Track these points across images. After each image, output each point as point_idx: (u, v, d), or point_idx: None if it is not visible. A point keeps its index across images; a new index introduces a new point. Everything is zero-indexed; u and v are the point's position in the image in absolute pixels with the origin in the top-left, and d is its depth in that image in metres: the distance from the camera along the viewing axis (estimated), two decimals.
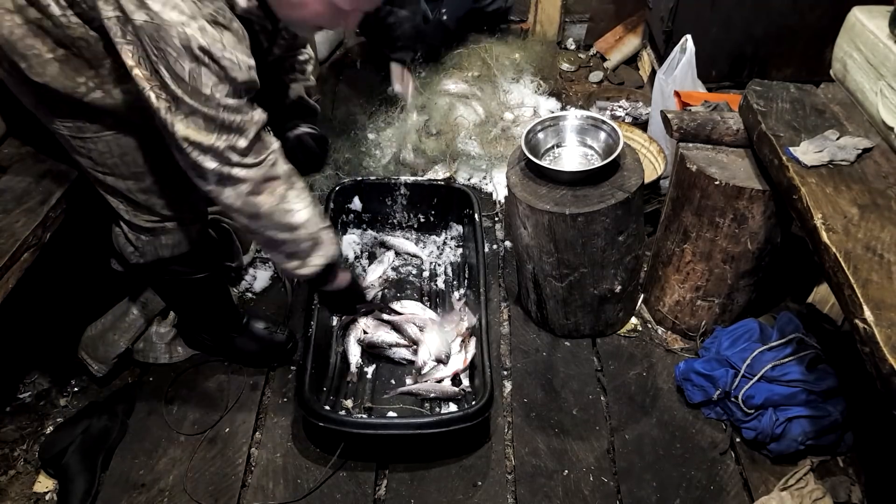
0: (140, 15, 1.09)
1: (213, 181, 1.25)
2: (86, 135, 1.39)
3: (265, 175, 1.29)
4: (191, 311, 1.87)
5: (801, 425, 1.71)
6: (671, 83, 2.40)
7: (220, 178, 1.24)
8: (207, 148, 1.20)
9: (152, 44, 1.10)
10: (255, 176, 1.27)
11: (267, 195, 1.30)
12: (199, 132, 1.18)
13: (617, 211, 1.75)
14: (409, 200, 2.37)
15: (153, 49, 1.11)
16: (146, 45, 1.11)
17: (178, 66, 1.12)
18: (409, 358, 1.99)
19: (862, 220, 1.39)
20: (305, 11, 1.22)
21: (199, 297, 1.80)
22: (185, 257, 1.63)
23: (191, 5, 1.11)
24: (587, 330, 2.06)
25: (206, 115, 1.17)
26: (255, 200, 1.29)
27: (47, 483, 1.74)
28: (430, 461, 1.76)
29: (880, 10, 1.68)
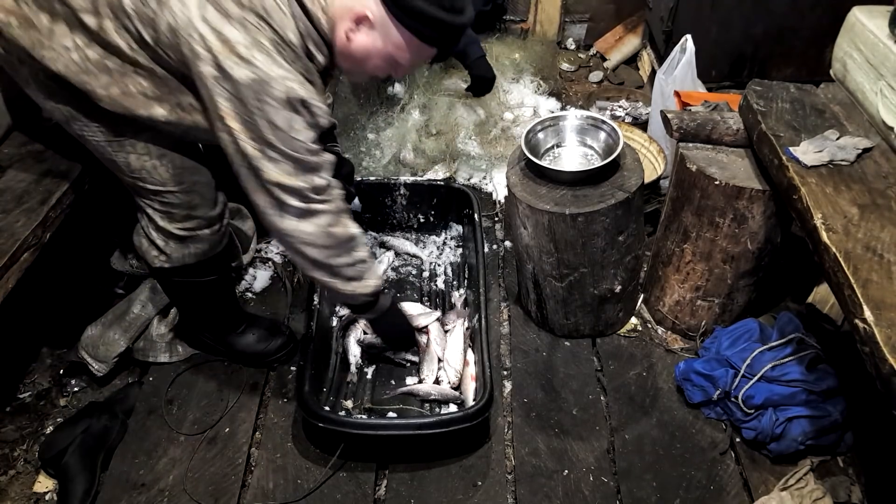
0: (244, 72, 1.19)
1: (295, 215, 1.36)
2: (124, 136, 1.42)
3: (338, 208, 1.42)
4: (197, 312, 1.88)
5: (801, 425, 1.71)
6: (671, 83, 2.40)
7: (301, 213, 1.36)
8: (293, 189, 1.32)
9: (255, 97, 1.21)
10: (331, 209, 1.40)
11: (340, 226, 1.43)
12: (288, 175, 1.30)
13: (617, 211, 1.75)
14: (408, 200, 2.37)
15: (254, 102, 1.21)
16: (246, 99, 1.21)
17: (277, 115, 1.23)
18: (410, 358, 1.99)
19: (862, 220, 1.39)
20: (368, 65, 1.37)
21: (207, 297, 1.81)
22: (207, 262, 1.67)
23: (288, 63, 1.24)
24: (587, 330, 2.06)
25: (295, 158, 1.29)
26: (334, 231, 1.41)
27: (47, 483, 1.74)
28: (430, 461, 1.76)
29: (880, 10, 1.68)
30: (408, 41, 1.30)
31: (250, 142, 1.26)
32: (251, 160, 1.28)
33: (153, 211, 1.55)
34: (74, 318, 2.01)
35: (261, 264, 2.30)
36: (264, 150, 1.26)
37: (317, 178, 1.34)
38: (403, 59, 1.34)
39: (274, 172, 1.29)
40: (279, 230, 1.39)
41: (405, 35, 1.29)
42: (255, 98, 1.21)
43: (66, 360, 2.01)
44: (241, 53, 1.18)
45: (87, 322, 1.96)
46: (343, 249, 1.45)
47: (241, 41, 1.19)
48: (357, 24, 1.30)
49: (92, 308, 2.03)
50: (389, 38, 1.30)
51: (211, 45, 1.18)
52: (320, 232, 1.39)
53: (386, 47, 1.31)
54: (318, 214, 1.37)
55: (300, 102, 1.25)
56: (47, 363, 2.02)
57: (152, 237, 1.60)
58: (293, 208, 1.34)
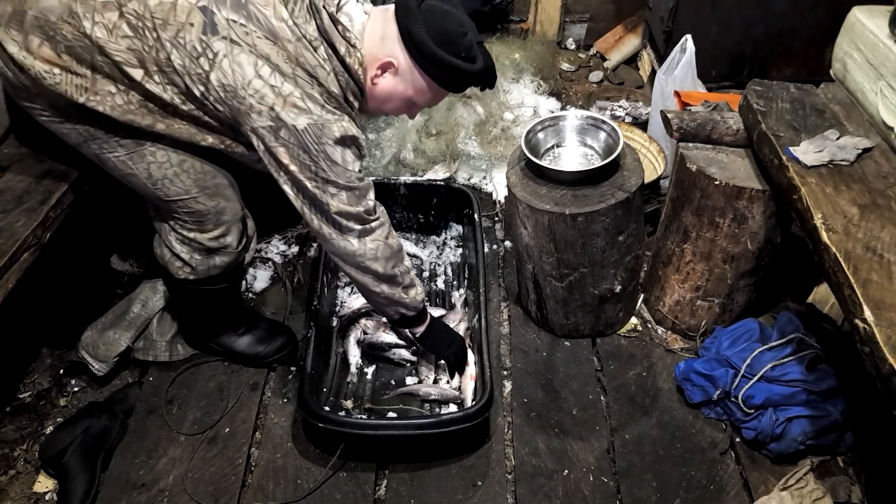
0: (303, 119, 1.31)
1: (356, 237, 1.49)
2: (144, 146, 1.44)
3: (386, 221, 1.56)
4: (204, 316, 1.88)
5: (801, 425, 1.71)
6: (671, 83, 2.40)
7: (360, 234, 1.49)
8: (353, 214, 1.46)
9: (315, 140, 1.33)
10: (383, 224, 1.54)
11: (392, 238, 1.57)
12: (347, 204, 1.44)
13: (617, 211, 1.75)
14: (408, 201, 2.37)
15: (314, 144, 1.34)
16: (307, 144, 1.33)
17: (335, 153, 1.37)
18: (410, 358, 1.99)
19: (862, 220, 1.39)
20: (387, 106, 1.50)
21: (216, 303, 1.83)
22: (228, 273, 1.71)
23: (335, 106, 1.37)
24: (587, 330, 2.06)
25: (351, 188, 1.43)
26: (391, 242, 1.56)
27: (47, 483, 1.74)
28: (430, 461, 1.76)
29: (880, 10, 1.68)
30: (428, 85, 1.42)
31: (311, 181, 1.38)
32: (315, 197, 1.41)
33: (180, 223, 1.58)
34: (74, 318, 2.01)
35: (261, 264, 2.30)
36: (326, 188, 1.40)
37: (368, 201, 1.48)
38: (420, 101, 1.48)
39: (335, 204, 1.42)
40: (346, 253, 1.52)
41: (426, 80, 1.41)
42: (315, 141, 1.33)
43: (66, 360, 2.00)
44: (298, 104, 1.30)
45: (87, 322, 1.96)
46: (399, 258, 1.59)
47: (297, 94, 1.30)
48: (383, 71, 1.41)
49: (92, 308, 2.03)
50: (412, 83, 1.42)
51: (268, 101, 1.29)
52: (380, 245, 1.53)
53: (407, 91, 1.44)
54: (374, 231, 1.51)
55: (352, 139, 1.39)
56: (47, 363, 2.02)
57: (176, 250, 1.63)
58: (354, 231, 1.48)
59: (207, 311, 1.86)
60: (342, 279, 2.25)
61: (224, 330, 1.93)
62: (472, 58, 1.40)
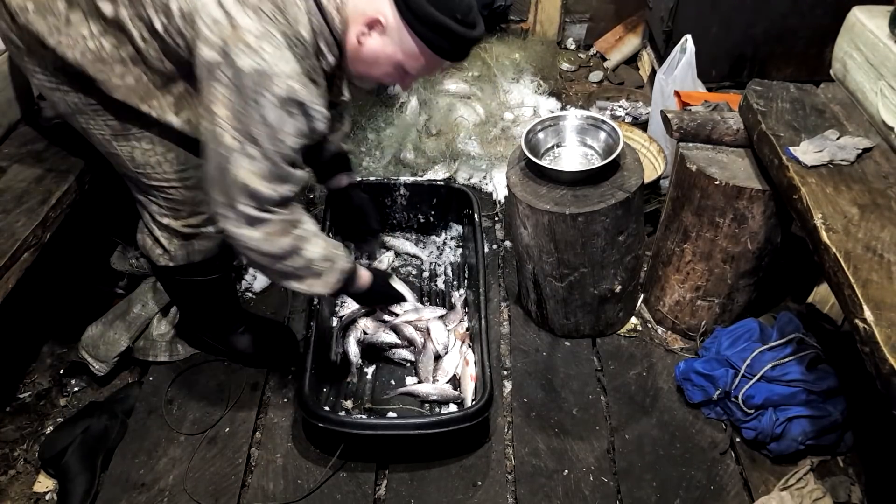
0: (249, 61, 1.16)
1: (243, 221, 1.30)
2: (130, 132, 1.41)
3: (291, 220, 1.35)
4: (198, 311, 1.88)
5: (801, 425, 1.71)
6: (671, 83, 2.40)
7: (250, 220, 1.30)
8: (255, 194, 1.26)
9: (253, 88, 1.17)
10: (283, 219, 1.33)
11: (286, 236, 1.35)
12: (255, 177, 1.25)
13: (617, 211, 1.75)
14: (408, 201, 2.36)
15: (250, 92, 1.18)
16: (244, 88, 1.18)
17: (270, 111, 1.20)
18: (409, 358, 1.99)
19: (862, 220, 1.39)
20: (376, 71, 1.35)
21: (208, 297, 1.81)
22: (211, 261, 1.66)
23: (297, 60, 1.21)
24: (587, 330, 2.06)
25: (273, 162, 1.25)
26: (279, 240, 1.34)
27: (47, 483, 1.74)
28: (430, 461, 1.76)
29: (880, 10, 1.68)
30: (419, 49, 1.29)
31: (233, 132, 1.22)
32: (226, 152, 1.23)
33: (157, 208, 1.54)
34: (74, 318, 2.01)
35: None
36: (244, 145, 1.22)
37: (282, 189, 1.29)
38: (412, 68, 1.34)
39: (244, 171, 1.24)
40: (225, 231, 1.34)
41: (417, 43, 1.28)
42: (253, 89, 1.18)
43: (66, 360, 2.01)
44: (250, 42, 1.16)
45: (87, 322, 1.96)
46: (288, 257, 1.38)
47: (253, 30, 1.16)
48: (369, 29, 1.29)
49: (92, 308, 2.03)
50: (401, 45, 1.29)
51: (222, 30, 1.17)
52: (264, 238, 1.33)
53: (396, 54, 1.31)
54: (267, 223, 1.32)
55: (298, 105, 1.22)
56: (47, 363, 2.03)
57: (155, 234, 1.60)
58: (244, 215, 1.29)
59: (202, 307, 1.85)
60: None
61: (224, 329, 1.93)
62: (471, 23, 1.28)
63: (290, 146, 1.25)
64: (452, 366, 1.93)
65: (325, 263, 1.43)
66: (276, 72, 1.17)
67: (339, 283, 1.48)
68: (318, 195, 2.55)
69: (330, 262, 1.45)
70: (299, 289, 1.45)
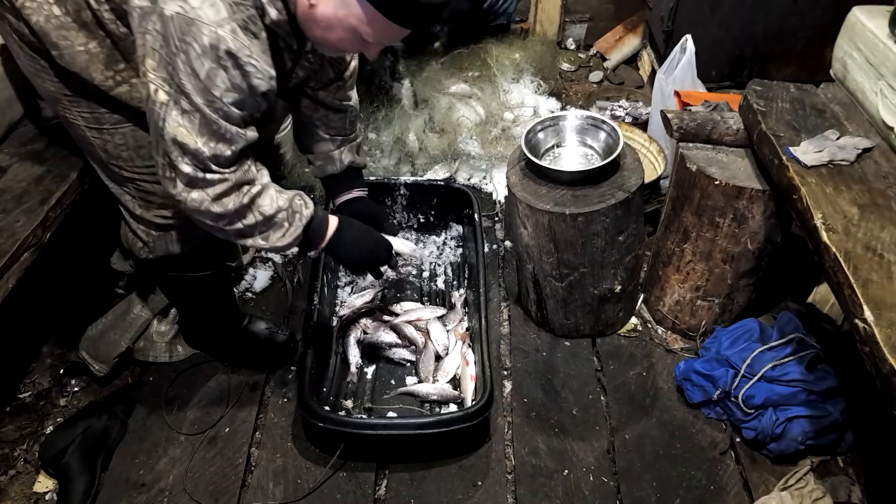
0: (172, 6, 1.10)
1: (184, 182, 1.26)
2: (103, 126, 1.41)
3: (238, 180, 1.30)
4: (194, 310, 1.87)
5: (801, 425, 1.71)
6: (671, 83, 2.40)
7: (190, 181, 1.25)
8: (191, 151, 1.21)
9: (179, 36, 1.11)
10: (228, 179, 1.28)
11: (233, 196, 1.30)
12: (189, 133, 1.20)
13: (617, 211, 1.75)
14: (409, 200, 2.36)
15: (176, 41, 1.12)
16: (170, 37, 1.12)
17: (197, 62, 1.14)
18: (409, 358, 1.99)
19: (862, 219, 1.39)
20: (332, 35, 1.26)
21: (203, 295, 1.80)
22: (193, 254, 1.64)
23: (227, 7, 1.14)
24: (587, 330, 2.06)
25: (204, 115, 1.19)
26: (224, 201, 1.29)
27: (47, 483, 1.74)
28: (430, 461, 1.76)
29: (880, 10, 1.68)
30: (371, 15, 1.20)
31: (164, 86, 1.16)
32: (160, 108, 1.18)
33: (130, 198, 1.54)
34: (74, 318, 2.01)
35: (261, 264, 2.30)
36: (178, 100, 1.17)
37: (221, 147, 1.23)
38: (368, 35, 1.24)
39: (177, 126, 1.18)
40: (168, 194, 1.29)
41: (367, 9, 1.20)
42: (179, 37, 1.12)
43: (66, 360, 2.01)
44: None
45: (87, 322, 1.96)
46: (243, 217, 1.33)
47: None
48: None
49: (92, 308, 2.02)
50: (351, 8, 1.20)
51: None
52: (211, 200, 1.28)
53: (348, 19, 1.21)
54: (212, 184, 1.26)
55: (228, 55, 1.14)
56: (47, 363, 2.02)
57: (132, 226, 1.59)
58: (185, 175, 1.23)
59: (199, 307, 1.85)
60: (342, 279, 2.26)
61: (223, 329, 1.93)
62: None
63: (226, 101, 1.19)
64: (453, 366, 1.93)
65: (282, 214, 1.39)
66: (201, 18, 1.11)
67: (300, 231, 1.43)
68: (317, 195, 2.54)
69: (290, 212, 1.40)
70: (260, 245, 1.41)
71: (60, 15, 1.26)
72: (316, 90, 1.66)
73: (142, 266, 1.71)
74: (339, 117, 1.73)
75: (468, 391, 1.85)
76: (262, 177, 1.37)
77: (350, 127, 1.77)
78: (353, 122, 1.77)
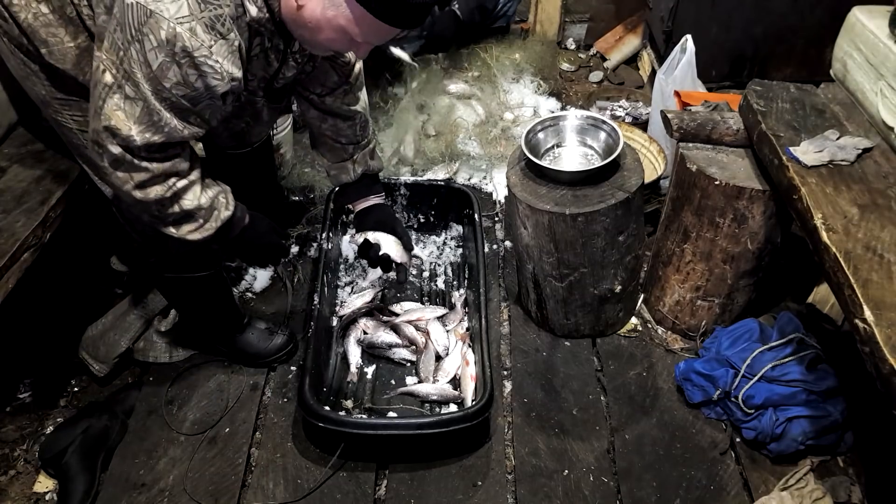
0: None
1: (109, 161, 1.25)
2: None
3: (165, 170, 1.29)
4: (193, 310, 1.87)
5: (801, 425, 1.71)
6: (671, 83, 2.40)
7: (115, 161, 1.25)
8: (122, 136, 1.20)
9: (135, 25, 1.11)
10: (153, 169, 1.27)
11: (159, 186, 1.30)
12: (126, 119, 1.18)
13: (617, 211, 1.75)
14: (408, 200, 2.36)
15: (132, 30, 1.11)
16: (127, 24, 1.11)
17: (151, 54, 1.13)
18: (409, 358, 1.99)
19: (862, 220, 1.39)
20: (321, 36, 1.26)
21: (201, 295, 1.80)
22: (191, 254, 1.64)
23: (193, 5, 1.13)
24: (587, 330, 2.06)
25: (148, 104, 1.18)
26: (151, 189, 1.29)
27: (47, 483, 1.74)
28: (430, 461, 1.76)
29: (880, 10, 1.68)
30: (359, 15, 1.20)
31: (112, 68, 1.16)
32: (104, 89, 1.17)
33: None
34: (74, 318, 2.01)
35: None
36: (123, 85, 1.16)
37: (152, 136, 1.22)
38: (358, 35, 1.24)
39: (115, 109, 1.18)
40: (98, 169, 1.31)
41: (355, 9, 1.19)
42: (136, 27, 1.11)
43: (66, 361, 2.00)
44: None
45: (87, 322, 1.96)
46: (164, 206, 1.33)
47: None
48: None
49: (92, 308, 2.03)
50: (340, 8, 1.20)
51: None
52: (135, 185, 1.27)
53: (337, 19, 1.21)
54: (136, 170, 1.26)
55: (183, 51, 1.13)
56: (47, 363, 2.02)
57: (127, 228, 1.59)
58: (110, 155, 1.23)
59: (199, 307, 1.85)
60: (342, 279, 2.25)
61: (223, 329, 1.93)
62: None
63: (176, 94, 1.18)
64: (453, 366, 1.93)
65: (202, 212, 1.39)
66: (161, 12, 1.10)
67: (213, 231, 1.43)
68: (317, 195, 2.54)
69: (209, 210, 1.40)
70: (171, 233, 1.41)
71: (48, 13, 1.27)
72: (323, 96, 1.66)
73: (140, 267, 1.71)
74: (348, 125, 1.72)
75: (468, 391, 1.85)
76: (192, 172, 1.35)
77: (361, 133, 1.76)
78: (363, 127, 1.76)
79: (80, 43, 1.31)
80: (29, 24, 1.27)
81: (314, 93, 1.64)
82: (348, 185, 1.84)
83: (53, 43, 1.29)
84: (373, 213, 1.85)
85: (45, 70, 1.34)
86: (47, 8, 1.27)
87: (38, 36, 1.29)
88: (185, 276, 1.69)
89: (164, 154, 1.28)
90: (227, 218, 1.45)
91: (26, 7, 1.27)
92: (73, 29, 1.30)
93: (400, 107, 2.83)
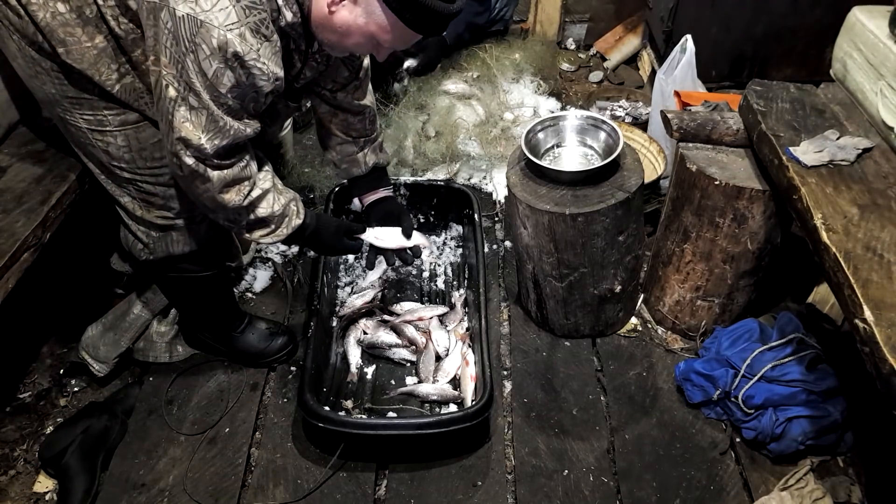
0: (183, 7, 1.14)
1: (187, 172, 1.33)
2: (106, 128, 1.42)
3: (235, 176, 1.36)
4: (194, 310, 1.88)
5: (801, 425, 1.71)
6: (671, 83, 2.40)
7: (192, 172, 1.32)
8: (195, 146, 1.27)
9: (188, 36, 1.15)
10: (225, 176, 1.34)
11: (234, 194, 1.38)
12: (195, 129, 1.25)
13: (617, 211, 1.75)
14: (408, 200, 2.36)
15: (186, 42, 1.16)
16: (180, 37, 1.16)
17: (206, 62, 1.18)
18: (409, 358, 1.99)
19: (862, 220, 1.39)
20: (348, 42, 1.31)
21: (203, 295, 1.80)
22: (194, 255, 1.65)
23: (239, 12, 1.17)
24: (587, 330, 2.06)
25: (211, 112, 1.24)
26: (224, 197, 1.37)
27: (47, 483, 1.74)
28: (430, 461, 1.76)
29: (880, 10, 1.68)
30: (392, 23, 1.25)
31: (174, 82, 1.21)
32: (170, 102, 1.23)
33: (129, 199, 1.54)
34: (74, 318, 2.01)
35: (261, 264, 2.30)
36: (187, 97, 1.22)
37: (222, 142, 1.28)
38: (385, 41, 1.29)
39: (183, 121, 1.24)
40: (178, 180, 1.40)
41: (389, 17, 1.24)
42: (188, 37, 1.15)
43: (66, 361, 2.01)
44: None
45: (87, 322, 1.96)
46: (241, 213, 1.42)
47: None
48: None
49: (92, 308, 2.03)
50: (372, 17, 1.24)
51: None
52: (213, 194, 1.35)
53: (368, 26, 1.26)
54: (213, 177, 1.33)
55: (235, 57, 1.18)
56: (47, 363, 2.03)
57: (132, 228, 1.60)
58: (187, 166, 1.30)
59: (199, 307, 1.85)
60: (342, 279, 2.26)
61: (223, 329, 1.93)
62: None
63: (229, 98, 1.23)
64: (453, 367, 1.93)
65: (275, 218, 1.48)
66: (211, 20, 1.14)
67: (283, 237, 1.52)
68: (317, 195, 2.54)
69: (281, 216, 1.48)
70: (244, 236, 1.50)
71: (65, 12, 1.28)
72: (334, 92, 1.68)
73: (141, 267, 1.71)
74: (358, 119, 1.75)
75: (468, 391, 1.85)
76: (264, 179, 1.44)
77: (370, 127, 1.79)
78: (372, 121, 1.79)
79: (97, 43, 1.31)
80: (47, 22, 1.28)
81: (326, 88, 1.67)
82: (359, 178, 1.85)
83: (71, 42, 1.30)
84: (382, 205, 1.88)
85: (58, 69, 1.34)
86: (65, 7, 1.28)
87: (55, 35, 1.29)
88: (187, 275, 1.69)
89: (233, 159, 1.34)
90: (297, 226, 1.53)
91: (44, 6, 1.27)
92: (91, 29, 1.30)
93: (400, 107, 2.83)
